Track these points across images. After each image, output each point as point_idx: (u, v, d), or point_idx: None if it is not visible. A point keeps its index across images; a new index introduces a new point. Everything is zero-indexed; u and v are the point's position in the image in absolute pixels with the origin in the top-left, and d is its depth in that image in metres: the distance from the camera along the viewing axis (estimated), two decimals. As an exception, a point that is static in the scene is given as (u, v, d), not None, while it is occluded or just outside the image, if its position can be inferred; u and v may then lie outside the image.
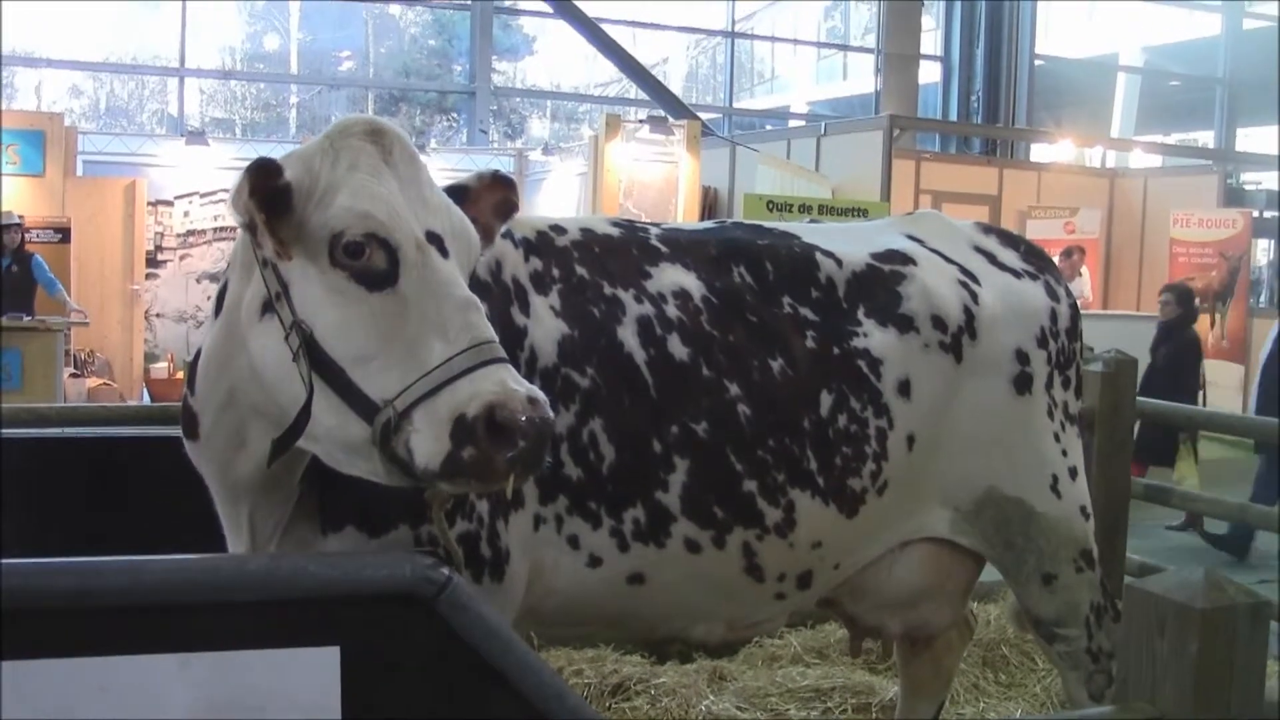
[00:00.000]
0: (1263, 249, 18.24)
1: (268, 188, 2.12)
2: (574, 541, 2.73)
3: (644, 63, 18.27)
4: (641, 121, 13.91)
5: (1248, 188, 19.69)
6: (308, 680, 1.80)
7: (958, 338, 3.20)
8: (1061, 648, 3.44)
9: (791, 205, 11.28)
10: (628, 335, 2.81)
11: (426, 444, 2.00)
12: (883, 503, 3.10)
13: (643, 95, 18.49)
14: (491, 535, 2.58)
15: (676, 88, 20.81)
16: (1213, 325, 13.28)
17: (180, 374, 12.51)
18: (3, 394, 9.33)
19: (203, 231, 14.03)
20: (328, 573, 1.91)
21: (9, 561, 1.73)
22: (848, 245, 3.26)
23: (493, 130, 20.41)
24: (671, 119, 14.39)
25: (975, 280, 3.31)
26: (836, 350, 3.05)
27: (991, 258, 3.43)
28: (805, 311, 3.06)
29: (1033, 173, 16.30)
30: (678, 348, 2.84)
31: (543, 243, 2.85)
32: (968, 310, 3.23)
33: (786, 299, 3.06)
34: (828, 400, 3.00)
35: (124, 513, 3.03)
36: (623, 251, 2.96)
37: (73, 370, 11.82)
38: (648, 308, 2.86)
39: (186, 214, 14.02)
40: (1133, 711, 2.09)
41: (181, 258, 14.03)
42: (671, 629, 3.12)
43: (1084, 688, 3.44)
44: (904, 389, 3.11)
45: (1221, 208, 14.59)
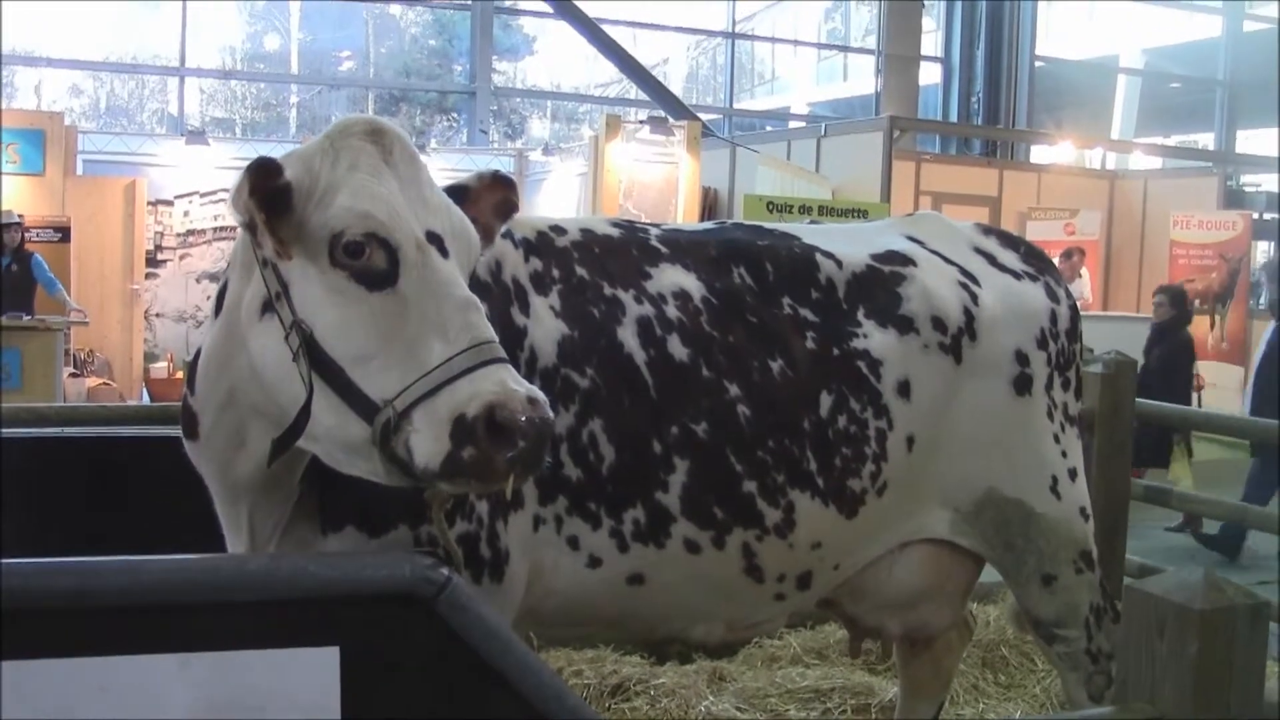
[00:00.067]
0: (1263, 251, 18.22)
1: (268, 187, 2.12)
2: (574, 542, 2.72)
3: (644, 63, 18.25)
4: (642, 122, 13.90)
5: (1248, 190, 19.67)
6: (307, 680, 1.80)
7: (958, 339, 3.20)
8: (1061, 649, 3.44)
9: (791, 206, 11.28)
10: (628, 336, 2.81)
11: (426, 444, 2.00)
12: (882, 504, 3.10)
13: (643, 96, 18.49)
14: (491, 536, 2.58)
15: (677, 88, 20.80)
16: (1212, 327, 13.28)
17: (180, 374, 12.50)
18: (2, 393, 9.32)
19: (203, 231, 14.03)
20: (327, 573, 1.91)
21: (9, 561, 1.73)
22: (848, 246, 3.26)
23: (493, 130, 20.41)
24: (672, 120, 14.39)
25: (975, 281, 3.31)
26: (836, 351, 3.05)
27: (991, 259, 3.44)
28: (805, 312, 3.06)
29: (1033, 174, 16.32)
30: (678, 348, 2.84)
31: (543, 243, 2.85)
32: (968, 311, 3.23)
33: (786, 300, 3.06)
34: (827, 401, 3.00)
35: (124, 513, 3.02)
36: (623, 252, 2.95)
37: (72, 370, 11.82)
38: (648, 308, 2.86)
39: (186, 214, 14.02)
40: (1132, 712, 2.09)
41: (181, 257, 14.04)
42: (671, 629, 3.12)
43: (1083, 689, 3.44)
44: (904, 390, 3.11)
45: (1221, 210, 14.60)
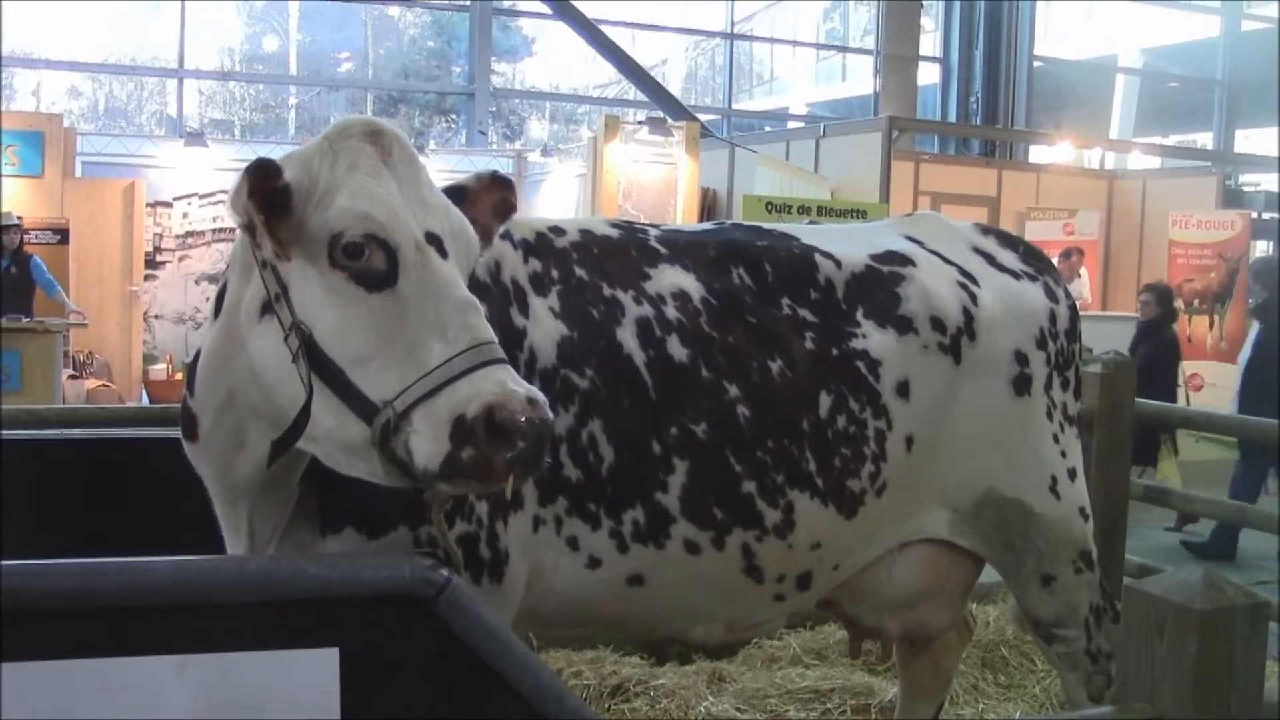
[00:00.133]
0: (1261, 250, 18.23)
1: (267, 189, 2.12)
2: (573, 543, 2.72)
3: (643, 64, 18.25)
4: (640, 123, 13.90)
5: (1246, 189, 19.64)
6: (307, 681, 1.80)
7: (957, 339, 3.20)
8: (1060, 649, 3.44)
9: (790, 207, 11.27)
10: (627, 336, 2.81)
11: (426, 445, 2.00)
12: (882, 504, 3.10)
13: (642, 97, 18.49)
14: (491, 536, 2.58)
15: (675, 89, 20.80)
16: (1211, 327, 13.27)
17: (179, 375, 12.50)
18: (2, 395, 9.33)
19: (202, 233, 14.04)
20: (327, 574, 1.91)
21: (9, 563, 1.73)
22: (847, 246, 3.26)
23: (492, 132, 20.41)
24: (670, 120, 14.39)
25: (974, 281, 3.31)
26: (835, 351, 3.05)
27: (990, 259, 3.44)
28: (804, 313, 3.06)
29: (1031, 174, 16.31)
30: (677, 349, 2.84)
31: (542, 244, 2.85)
32: (967, 311, 3.23)
33: (785, 300, 3.06)
34: (827, 401, 3.00)
35: (123, 514, 3.03)
36: (622, 253, 2.96)
37: (71, 372, 11.81)
38: (647, 309, 2.86)
39: (185, 215, 14.03)
40: (1132, 712, 2.09)
41: (180, 259, 14.05)
42: (671, 630, 3.12)
43: (1083, 689, 3.44)
44: (903, 390, 3.11)
45: (1220, 209, 14.58)
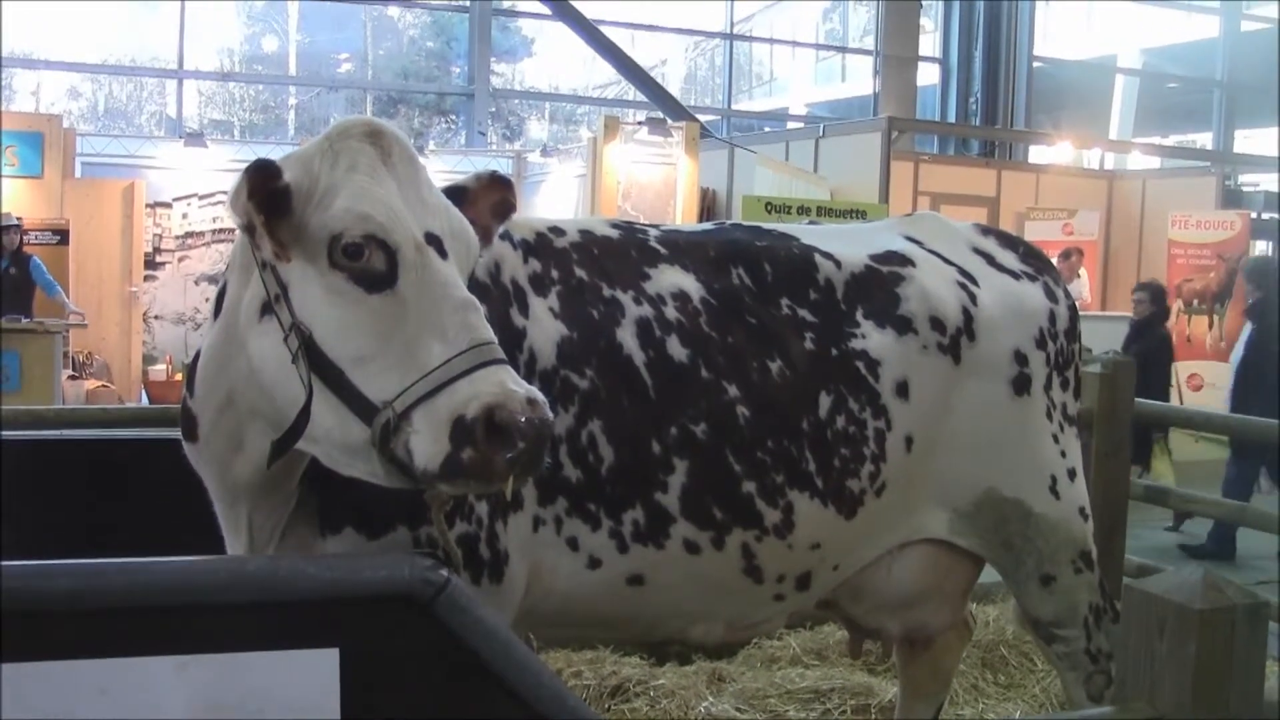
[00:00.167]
0: (1261, 250, 18.24)
1: (267, 189, 2.12)
2: (573, 543, 2.72)
3: (642, 64, 18.26)
4: (640, 123, 13.90)
5: (1246, 189, 19.63)
6: (307, 681, 1.80)
7: (956, 339, 3.20)
8: (1060, 648, 3.44)
9: (790, 207, 11.26)
10: (627, 337, 2.81)
11: (426, 445, 2.00)
12: (881, 504, 3.10)
13: (641, 97, 18.50)
14: (490, 537, 2.58)
15: (675, 89, 20.81)
16: (1210, 327, 13.26)
17: (179, 376, 12.50)
18: (2, 396, 9.33)
19: (201, 233, 14.04)
20: (327, 574, 1.90)
21: (9, 563, 1.73)
22: (846, 247, 3.26)
23: (491, 132, 20.41)
24: (670, 121, 14.39)
25: (974, 281, 3.31)
26: (835, 352, 3.05)
27: (990, 259, 3.44)
28: (804, 313, 3.06)
29: (1031, 174, 16.29)
30: (677, 349, 2.84)
31: (542, 244, 2.85)
32: (966, 312, 3.23)
33: (785, 300, 3.06)
34: (826, 401, 3.00)
35: (123, 515, 3.02)
36: (622, 253, 2.96)
37: (71, 372, 11.81)
38: (647, 309, 2.86)
39: (185, 216, 14.03)
40: (1131, 712, 2.09)
41: (180, 260, 14.05)
42: (670, 630, 3.12)
43: (1083, 688, 3.44)
44: (902, 390, 3.11)
45: (1220, 209, 14.57)
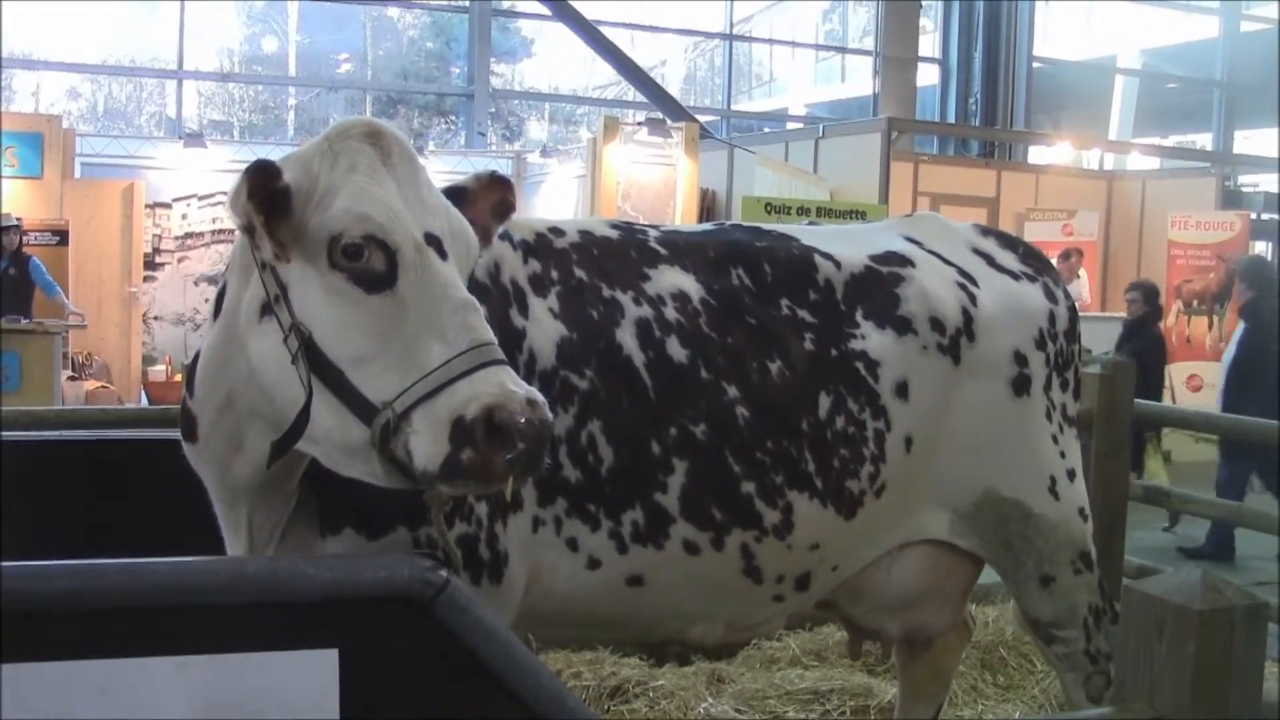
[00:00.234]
0: (1260, 251, 18.24)
1: (266, 190, 2.12)
2: (573, 543, 2.72)
3: (642, 65, 18.26)
4: (640, 124, 13.90)
5: (1245, 190, 19.66)
6: (306, 682, 1.80)
7: (956, 340, 3.20)
8: (1060, 649, 3.44)
9: (790, 207, 11.26)
10: (626, 337, 2.81)
11: (425, 446, 2.00)
12: (881, 504, 3.10)
13: (641, 98, 18.50)
14: (490, 537, 2.58)
15: (675, 90, 20.81)
16: (1210, 327, 13.27)
17: (178, 376, 12.50)
18: (1, 396, 9.33)
19: (201, 234, 14.04)
20: (326, 575, 1.90)
21: (9, 563, 1.73)
22: (846, 247, 3.26)
23: (491, 133, 20.41)
24: (670, 121, 14.39)
25: (974, 282, 3.31)
26: (834, 352, 3.05)
27: (990, 260, 3.44)
28: (803, 313, 3.06)
29: (1031, 175, 16.31)
30: (676, 350, 2.84)
31: (541, 245, 2.85)
32: (966, 312, 3.23)
33: (785, 301, 3.06)
34: (826, 402, 3.00)
35: (123, 515, 3.02)
36: (621, 254, 2.96)
37: (71, 373, 11.80)
38: (646, 310, 2.86)
39: (184, 216, 14.03)
40: (1131, 712, 2.09)
41: (179, 260, 14.05)
42: (670, 630, 3.12)
43: (1082, 689, 3.44)
44: (902, 391, 3.11)
45: (1219, 210, 14.58)
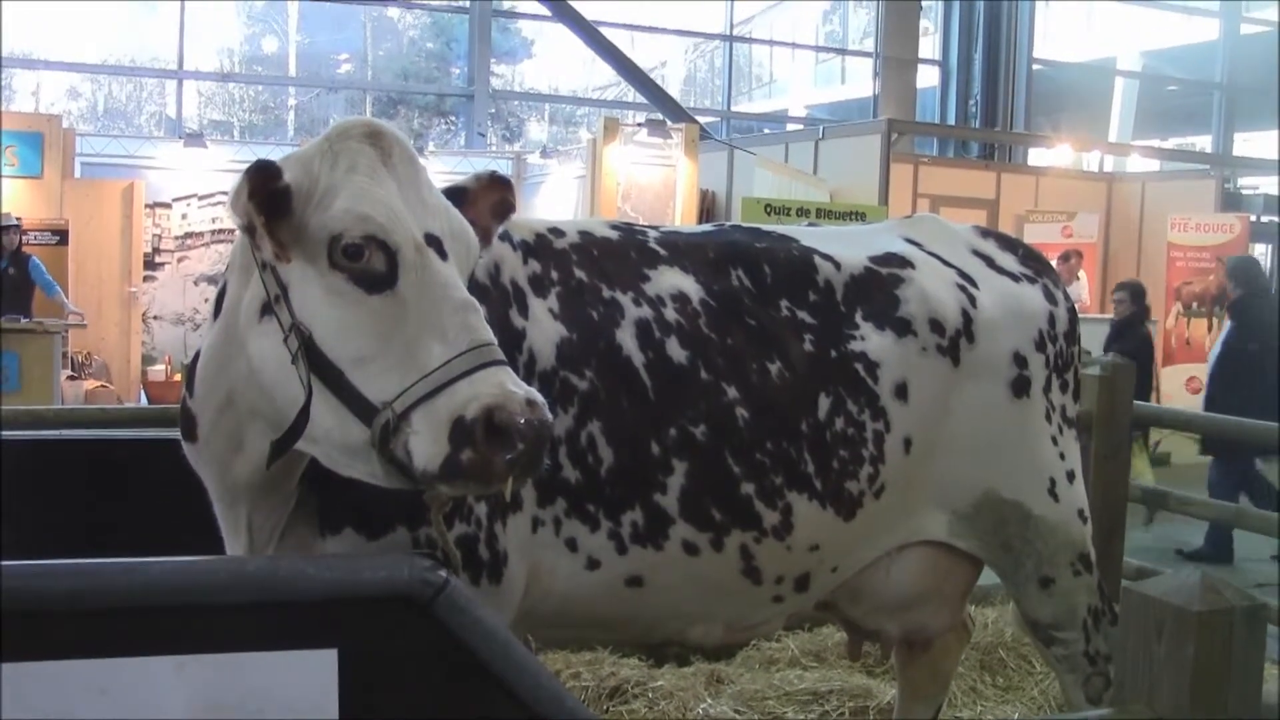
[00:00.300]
0: (1260, 253, 18.24)
1: (267, 190, 2.12)
2: (572, 544, 2.73)
3: (642, 66, 18.26)
4: (640, 125, 13.89)
5: (1245, 192, 19.65)
6: (306, 682, 1.80)
7: (955, 341, 3.20)
8: (1059, 651, 3.44)
9: (789, 209, 11.27)
10: (626, 338, 2.81)
11: (425, 446, 2.00)
12: (880, 505, 3.10)
13: (641, 98, 18.50)
14: (490, 538, 2.58)
15: (675, 91, 20.81)
16: (1210, 329, 13.28)
17: (177, 376, 12.50)
18: (1, 396, 9.33)
19: (201, 234, 14.04)
20: (326, 575, 1.90)
21: (9, 563, 1.73)
22: (846, 248, 3.26)
23: (491, 133, 20.40)
24: (670, 122, 14.39)
25: (973, 283, 3.32)
26: (834, 353, 3.05)
27: (990, 261, 3.44)
28: (803, 315, 3.07)
29: (1030, 177, 16.31)
30: (676, 351, 2.84)
31: (541, 245, 2.85)
32: (965, 313, 3.23)
33: (784, 302, 3.06)
34: (825, 403, 3.00)
35: (123, 515, 3.02)
36: (621, 254, 2.96)
37: (70, 372, 11.81)
38: (646, 310, 2.86)
39: (184, 216, 14.03)
40: (1130, 714, 2.09)
41: (179, 260, 14.05)
42: (669, 631, 3.12)
43: (1081, 690, 3.44)
44: (901, 392, 3.11)
45: (1219, 212, 14.59)
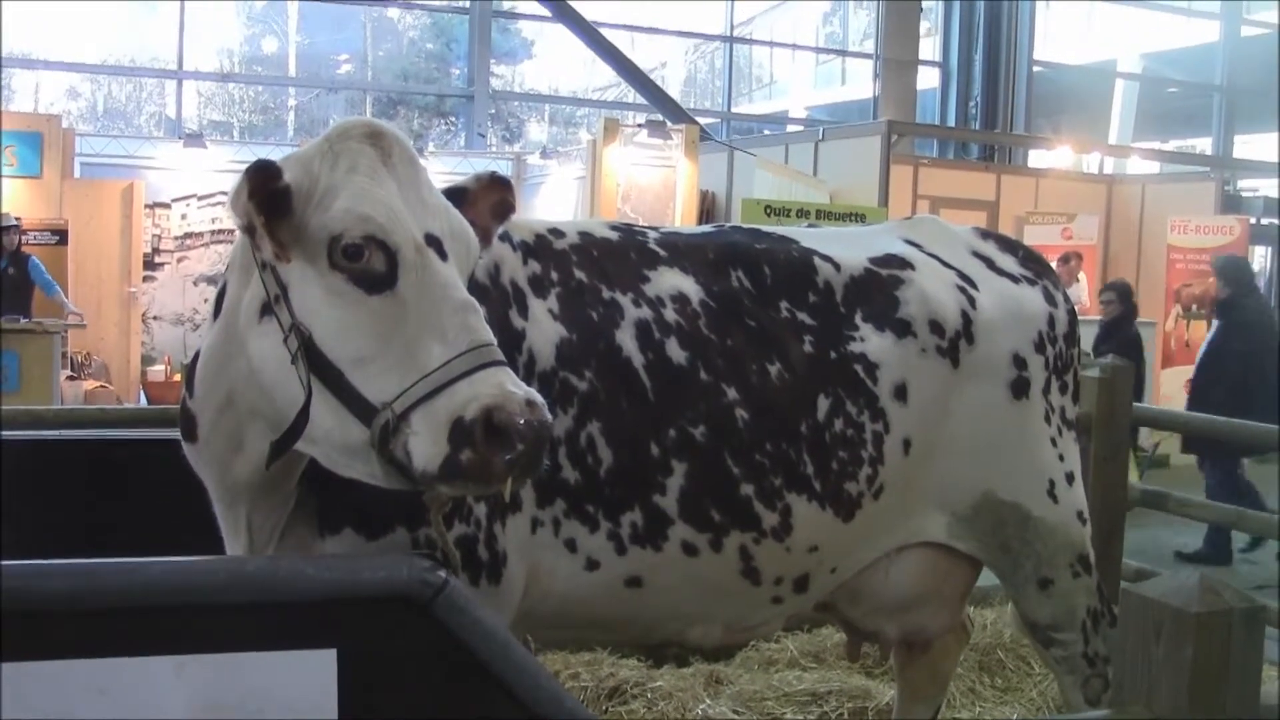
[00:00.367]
0: (1260, 255, 18.25)
1: (267, 190, 2.12)
2: (571, 545, 2.73)
3: (642, 67, 18.26)
4: (640, 126, 13.88)
5: (1245, 194, 19.66)
6: (305, 682, 1.80)
7: (955, 342, 3.20)
8: (1058, 652, 3.45)
9: (789, 210, 11.27)
10: (626, 339, 2.81)
11: (425, 446, 2.00)
12: (879, 507, 3.10)
13: (641, 99, 18.49)
14: (489, 538, 2.58)
15: (675, 92, 20.80)
16: (1209, 331, 13.28)
17: (177, 376, 12.50)
18: (1, 396, 9.33)
19: (200, 234, 14.04)
20: (325, 575, 1.91)
21: (9, 563, 1.73)
22: (846, 250, 3.27)
23: (491, 134, 20.40)
24: (670, 123, 14.38)
25: (973, 285, 3.32)
26: (833, 354, 3.05)
27: (989, 263, 3.44)
28: (803, 316, 3.07)
29: (1030, 179, 16.30)
30: (676, 351, 2.85)
31: (541, 246, 2.86)
32: (965, 315, 3.24)
33: (784, 303, 3.06)
34: (824, 404, 3.00)
35: (123, 515, 3.03)
36: (621, 255, 2.96)
37: (70, 373, 11.80)
38: (646, 311, 2.86)
39: (184, 216, 14.03)
40: (1128, 715, 2.09)
41: (179, 260, 14.04)
42: (668, 632, 3.12)
43: (1080, 692, 3.44)
44: (901, 393, 3.11)
45: (1219, 214, 14.60)
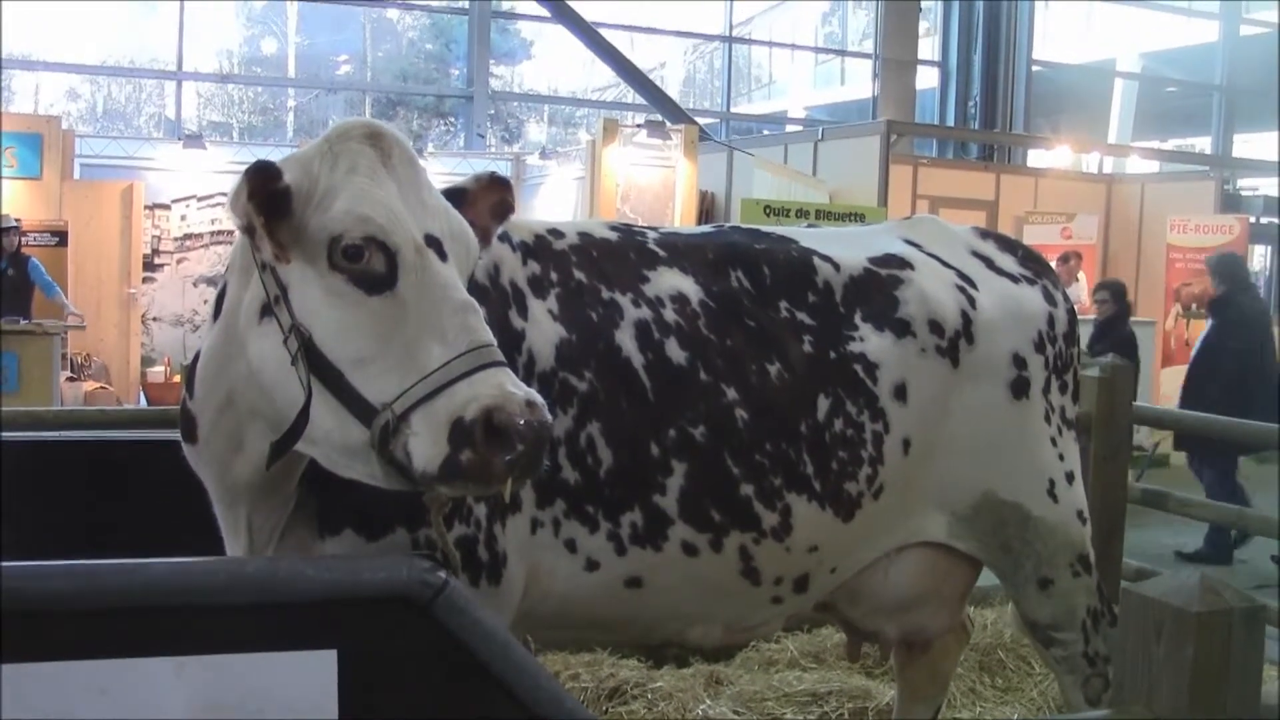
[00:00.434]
0: (1260, 255, 18.25)
1: (267, 191, 2.12)
2: (571, 545, 2.73)
3: (641, 67, 18.27)
4: (639, 126, 13.88)
5: (1245, 194, 19.68)
6: (305, 683, 1.80)
7: (955, 342, 3.20)
8: (1058, 652, 3.45)
9: (789, 210, 11.27)
10: (625, 339, 2.81)
11: (424, 447, 2.00)
12: (879, 507, 3.10)
13: (640, 100, 18.50)
14: (489, 539, 2.58)
15: (674, 92, 20.82)
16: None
17: (177, 377, 12.50)
18: (0, 397, 9.33)
19: (200, 235, 14.04)
20: (325, 575, 1.90)
21: (9, 563, 1.73)
22: (845, 250, 3.27)
23: (490, 134, 20.40)
24: (669, 123, 14.39)
25: (973, 285, 3.32)
26: (833, 354, 3.05)
27: (989, 262, 3.44)
28: (802, 316, 3.07)
29: (1030, 178, 16.31)
30: (675, 352, 2.85)
31: (540, 246, 2.86)
32: (965, 315, 3.24)
33: (783, 303, 3.06)
34: (824, 404, 3.00)
35: (123, 515, 3.03)
36: (620, 255, 2.96)
37: (69, 374, 11.80)
38: (645, 312, 2.86)
39: (184, 218, 14.03)
40: (1129, 714, 2.09)
41: (179, 261, 14.05)
42: (668, 632, 3.12)
43: (1080, 692, 3.44)
44: (900, 393, 3.11)
45: (1218, 214, 14.61)
